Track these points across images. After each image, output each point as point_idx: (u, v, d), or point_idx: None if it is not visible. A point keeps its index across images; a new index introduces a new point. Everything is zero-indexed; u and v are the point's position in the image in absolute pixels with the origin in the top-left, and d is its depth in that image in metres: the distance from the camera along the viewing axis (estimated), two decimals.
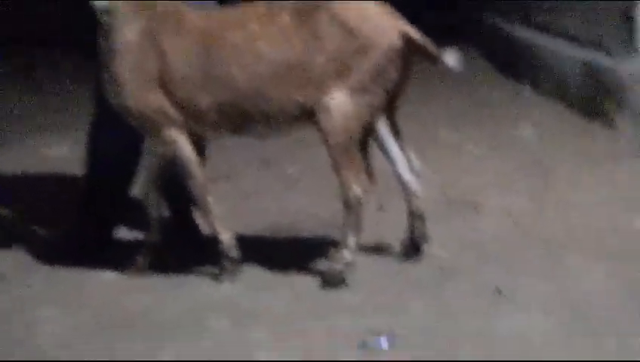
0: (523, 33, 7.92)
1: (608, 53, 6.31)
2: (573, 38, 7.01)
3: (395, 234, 4.32)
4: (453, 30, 10.03)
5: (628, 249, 4.24)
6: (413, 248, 4.19)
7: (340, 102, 3.86)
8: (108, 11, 3.97)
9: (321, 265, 4.09)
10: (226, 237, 4.07)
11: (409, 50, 3.93)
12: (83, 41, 4.16)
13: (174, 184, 4.25)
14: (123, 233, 4.62)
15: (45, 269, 4.30)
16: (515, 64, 7.86)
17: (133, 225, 4.61)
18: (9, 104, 7.92)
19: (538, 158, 5.63)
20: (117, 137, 4.34)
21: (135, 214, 4.47)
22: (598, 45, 6.53)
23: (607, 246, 4.27)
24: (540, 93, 7.16)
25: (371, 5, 3.95)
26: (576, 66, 6.52)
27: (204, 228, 4.43)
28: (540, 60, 7.24)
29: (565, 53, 6.82)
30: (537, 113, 6.69)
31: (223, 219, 4.10)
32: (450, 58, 3.98)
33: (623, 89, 5.95)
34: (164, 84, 3.96)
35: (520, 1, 8.37)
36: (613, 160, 5.49)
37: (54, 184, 5.59)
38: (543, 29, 7.70)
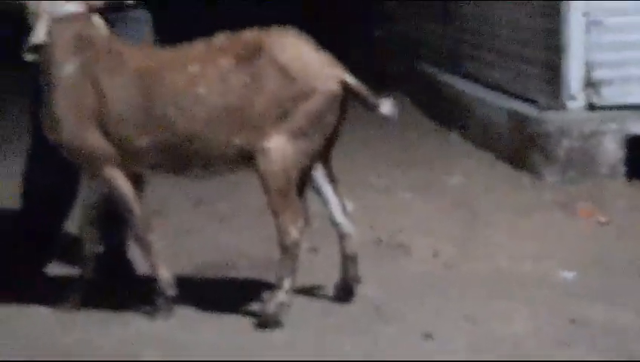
0: (453, 82, 8.12)
1: (535, 104, 6.50)
2: (501, 89, 7.22)
3: (328, 276, 4.39)
4: (386, 76, 10.32)
5: (551, 297, 4.34)
6: (345, 289, 4.26)
7: (278, 146, 3.92)
8: (46, 47, 4.00)
9: (255, 305, 4.13)
10: (165, 276, 4.10)
11: (347, 97, 4.02)
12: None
13: (109, 220, 4.29)
14: (57, 268, 4.63)
15: None
16: (445, 112, 8.04)
17: (67, 260, 4.62)
18: None
19: (466, 204, 5.78)
20: (53, 171, 4.37)
21: (70, 249, 4.50)
22: (525, 96, 6.74)
23: (532, 293, 4.38)
24: (468, 141, 7.34)
25: (311, 52, 4.01)
26: (504, 116, 6.70)
27: (137, 265, 4.47)
28: (469, 109, 7.42)
29: (494, 103, 7.00)
30: (466, 160, 6.86)
31: (162, 257, 4.14)
32: (386, 107, 4.08)
33: (550, 140, 6.13)
34: (102, 122, 3.99)
35: (451, 51, 8.60)
36: (539, 210, 5.64)
37: None
38: (473, 78, 7.92)
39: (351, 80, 4.01)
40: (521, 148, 6.41)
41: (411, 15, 10.33)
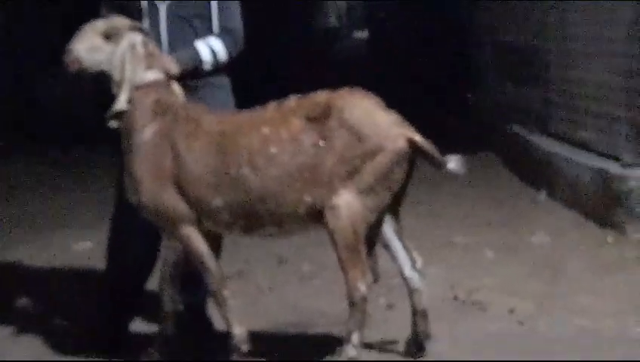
0: (542, 142, 8.13)
1: (620, 161, 6.46)
2: (588, 147, 7.20)
3: (403, 333, 4.42)
4: (477, 137, 10.38)
5: (629, 354, 4.28)
6: (416, 345, 4.29)
7: (347, 203, 4.00)
8: (127, 113, 4.19)
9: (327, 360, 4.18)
10: (239, 332, 4.20)
11: (414, 155, 4.09)
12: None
13: (189, 279, 4.43)
14: (139, 325, 4.79)
15: (62, 359, 4.48)
16: (534, 172, 8.04)
17: (148, 317, 4.78)
18: (45, 200, 8.29)
19: (548, 263, 5.76)
20: (135, 234, 4.54)
21: (151, 307, 4.65)
22: (611, 154, 6.71)
23: (609, 350, 4.33)
24: (556, 200, 7.32)
25: (379, 111, 4.10)
26: (590, 174, 6.67)
27: (216, 322, 4.59)
28: (557, 168, 7.40)
29: (580, 162, 6.97)
30: (552, 219, 6.84)
31: (237, 314, 4.24)
32: (454, 163, 4.11)
33: (634, 197, 6.09)
34: (179, 183, 4.13)
35: (539, 113, 8.63)
36: (622, 267, 5.59)
37: (78, 277, 5.81)
38: (561, 138, 7.92)
39: (418, 138, 4.08)
40: (606, 206, 6.36)
41: (503, 80, 10.43)
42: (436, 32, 15.28)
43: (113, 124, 4.24)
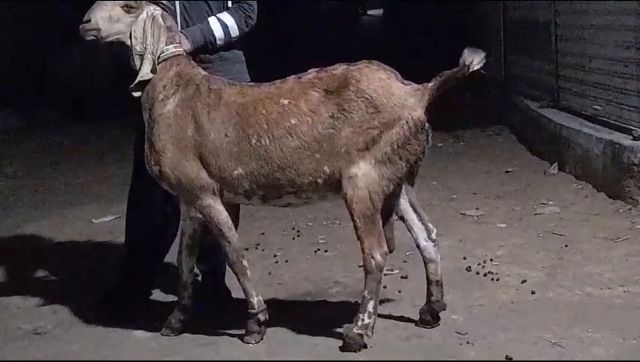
0: (553, 116, 8.19)
1: (631, 134, 6.52)
2: (598, 120, 7.27)
3: (418, 303, 4.52)
4: (489, 111, 10.44)
5: (637, 326, 4.32)
6: (430, 314, 4.38)
7: (364, 173, 4.08)
8: (149, 84, 4.28)
9: (342, 328, 4.26)
10: (256, 301, 4.31)
11: (429, 127, 4.17)
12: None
13: (207, 249, 4.53)
14: (158, 295, 4.90)
15: (84, 327, 4.59)
16: (546, 145, 8.11)
17: (167, 287, 4.88)
18: (66, 175, 8.40)
19: (559, 233, 5.83)
20: (153, 205, 4.64)
21: (170, 277, 4.75)
22: (621, 127, 6.77)
23: (619, 319, 4.41)
24: (567, 173, 7.39)
25: (396, 82, 4.17)
26: (601, 147, 6.73)
27: (233, 292, 4.69)
28: (568, 141, 7.46)
29: (591, 134, 7.03)
30: (562, 191, 6.92)
31: (255, 283, 4.35)
32: (470, 58, 4.16)
33: None
34: (201, 153, 4.22)
35: (550, 86, 8.68)
36: (631, 237, 5.66)
37: (98, 250, 5.93)
38: (571, 111, 7.99)
39: (433, 83, 4.15)
40: (616, 178, 6.43)
41: (515, 54, 10.48)
42: (447, 9, 15.33)
43: (137, 93, 4.32)
